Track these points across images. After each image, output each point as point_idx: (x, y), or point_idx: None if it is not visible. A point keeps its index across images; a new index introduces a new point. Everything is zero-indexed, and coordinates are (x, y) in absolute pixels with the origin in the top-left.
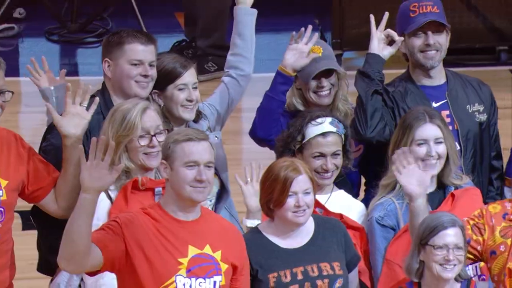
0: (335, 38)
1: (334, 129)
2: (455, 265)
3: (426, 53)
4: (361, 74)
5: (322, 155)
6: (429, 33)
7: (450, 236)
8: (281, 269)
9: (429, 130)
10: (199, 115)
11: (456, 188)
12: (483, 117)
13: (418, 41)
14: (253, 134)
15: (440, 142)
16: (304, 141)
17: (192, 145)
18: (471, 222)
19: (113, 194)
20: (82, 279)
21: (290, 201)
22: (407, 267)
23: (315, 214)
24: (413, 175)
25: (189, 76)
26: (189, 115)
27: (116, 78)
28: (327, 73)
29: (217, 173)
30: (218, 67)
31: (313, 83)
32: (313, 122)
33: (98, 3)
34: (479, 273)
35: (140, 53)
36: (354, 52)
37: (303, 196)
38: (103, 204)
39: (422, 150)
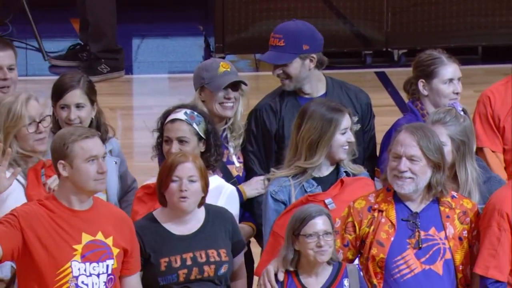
0: (218, 42)
1: (183, 118)
2: (326, 250)
3: (280, 80)
4: None
5: (169, 139)
6: (273, 66)
7: (319, 224)
8: (172, 255)
9: (348, 120)
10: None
11: (349, 175)
12: (357, 127)
13: (273, 71)
14: None
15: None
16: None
17: (89, 142)
18: (343, 226)
19: (22, 180)
20: None
21: (174, 186)
22: (283, 258)
23: (206, 203)
24: None
25: (71, 96)
26: None
27: None
28: (234, 86)
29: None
30: (110, 69)
31: (221, 94)
32: (171, 114)
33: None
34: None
35: None
36: (234, 55)
37: (187, 182)
38: (19, 191)
39: (344, 138)
